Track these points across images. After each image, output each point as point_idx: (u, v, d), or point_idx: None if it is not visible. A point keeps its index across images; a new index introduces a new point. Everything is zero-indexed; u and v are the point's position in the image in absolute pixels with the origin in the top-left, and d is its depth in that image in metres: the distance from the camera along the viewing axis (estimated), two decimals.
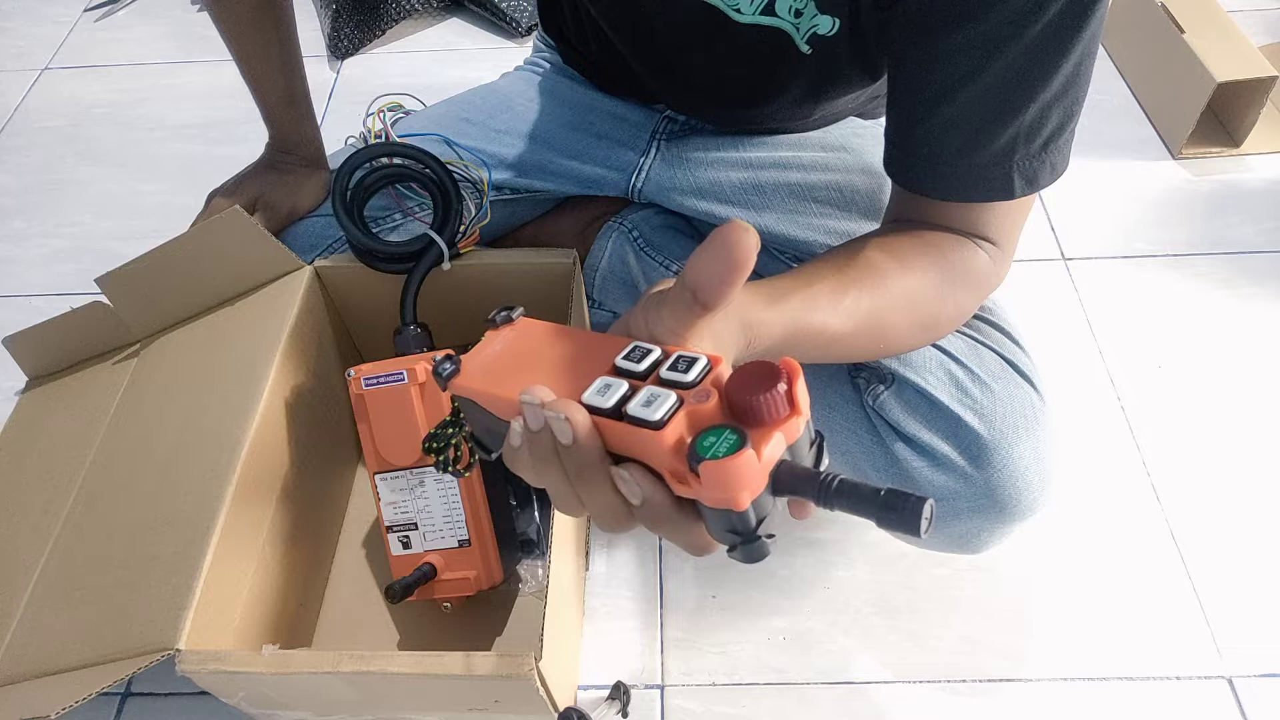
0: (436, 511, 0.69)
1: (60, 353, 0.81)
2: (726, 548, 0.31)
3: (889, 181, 0.59)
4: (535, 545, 0.77)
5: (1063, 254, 1.05)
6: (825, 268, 0.50)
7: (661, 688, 0.73)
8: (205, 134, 1.28)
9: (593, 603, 0.78)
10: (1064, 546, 0.80)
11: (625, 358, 0.34)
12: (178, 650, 0.54)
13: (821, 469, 0.30)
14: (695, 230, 0.82)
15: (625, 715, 0.71)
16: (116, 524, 0.65)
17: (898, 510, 0.28)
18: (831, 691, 0.73)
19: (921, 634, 0.75)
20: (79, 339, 0.80)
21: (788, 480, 0.30)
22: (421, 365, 0.67)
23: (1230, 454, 0.86)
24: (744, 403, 0.30)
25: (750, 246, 0.32)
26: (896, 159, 0.56)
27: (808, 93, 0.67)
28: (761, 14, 0.59)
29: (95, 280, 0.74)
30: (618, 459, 0.32)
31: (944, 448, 0.61)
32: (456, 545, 0.69)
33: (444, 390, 0.38)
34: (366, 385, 0.68)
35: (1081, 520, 0.82)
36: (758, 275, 0.38)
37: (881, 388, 0.64)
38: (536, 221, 0.87)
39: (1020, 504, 0.60)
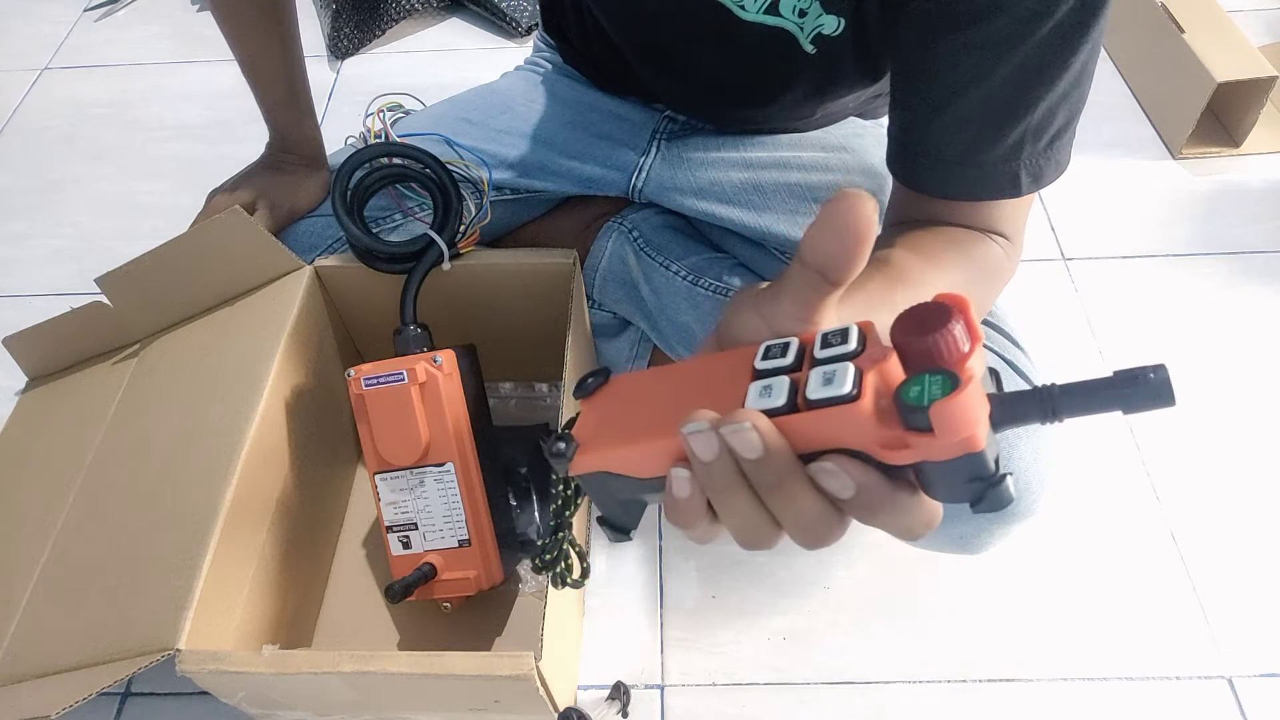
0: (436, 511, 0.69)
1: (60, 353, 0.81)
2: (970, 503, 0.27)
3: (890, 182, 0.58)
4: (535, 545, 0.77)
5: (1063, 254, 1.05)
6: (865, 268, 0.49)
7: (661, 688, 0.73)
8: (205, 134, 1.28)
9: (593, 603, 0.78)
10: (1064, 546, 0.80)
11: (765, 359, 0.30)
12: (178, 650, 0.54)
13: (1035, 387, 0.27)
14: (695, 230, 0.82)
15: (625, 715, 0.71)
16: (116, 524, 0.65)
17: (1140, 385, 0.25)
18: (831, 691, 0.73)
19: (921, 634, 0.75)
20: (79, 339, 0.80)
21: (1007, 408, 0.27)
22: (421, 365, 0.67)
23: (1230, 454, 0.86)
24: (925, 347, 0.26)
25: (871, 213, 0.29)
26: (902, 158, 0.56)
27: (810, 92, 0.67)
28: (765, 13, 0.59)
29: (95, 280, 0.74)
30: (807, 460, 0.28)
31: None
32: (456, 545, 0.69)
33: (564, 475, 0.33)
34: (366, 385, 0.68)
35: (1081, 520, 0.82)
36: (759, 277, 0.37)
37: None
38: (536, 221, 0.87)
39: (1020, 504, 0.60)
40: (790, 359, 0.29)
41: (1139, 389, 0.25)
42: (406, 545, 0.70)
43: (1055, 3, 0.46)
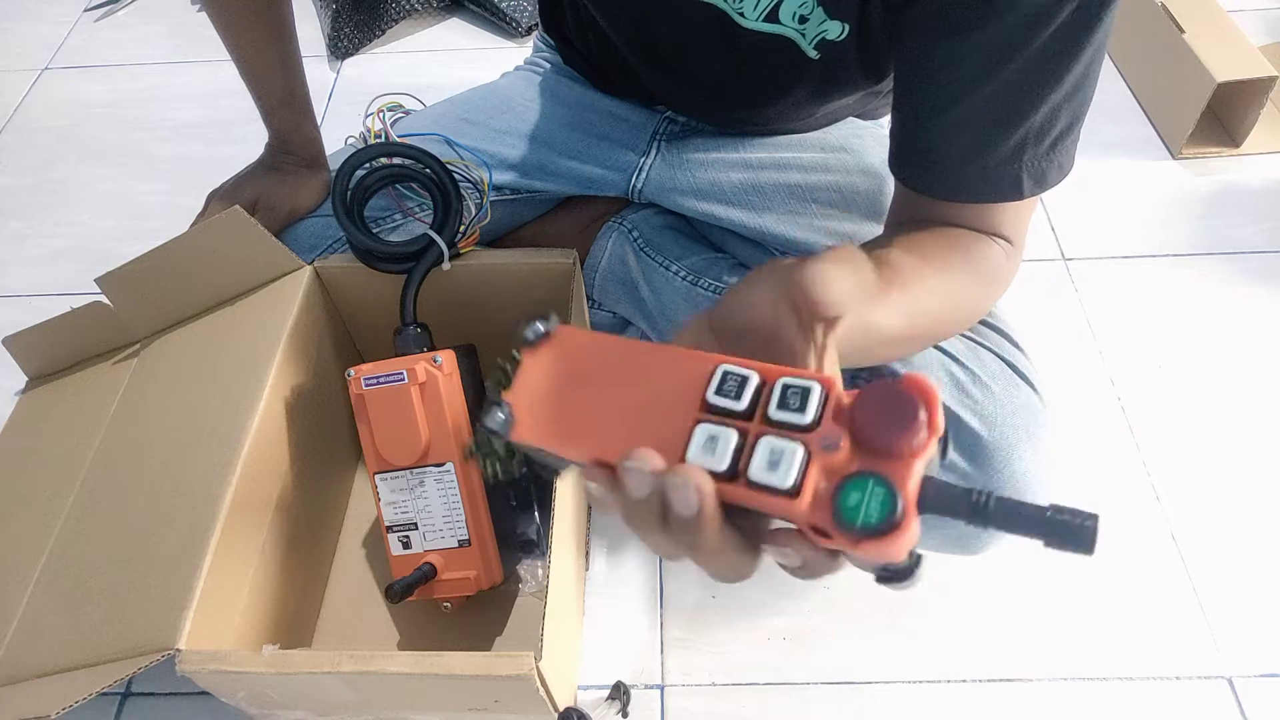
0: (436, 511, 0.69)
1: (60, 353, 0.81)
2: (875, 579, 0.29)
3: (890, 182, 0.58)
4: (535, 545, 0.77)
5: (1063, 254, 1.05)
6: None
7: (661, 688, 0.73)
8: (205, 134, 1.28)
9: (593, 603, 0.78)
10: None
11: (719, 392, 0.29)
12: (178, 650, 0.54)
13: (972, 489, 0.27)
14: (695, 231, 0.82)
15: (625, 715, 0.71)
16: (116, 524, 0.65)
17: (1067, 529, 0.25)
18: (831, 691, 0.73)
19: (921, 634, 0.75)
20: (79, 339, 0.80)
21: (941, 499, 0.27)
22: (421, 365, 0.67)
23: (1230, 454, 0.86)
24: (884, 444, 0.27)
25: None
26: (904, 160, 0.56)
27: (812, 95, 0.66)
28: (765, 21, 0.59)
29: (95, 280, 0.74)
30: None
31: None
32: (456, 545, 0.69)
33: (498, 441, 0.33)
34: (366, 385, 0.68)
35: None
36: None
37: None
38: (536, 221, 0.87)
39: None
40: (744, 403, 0.29)
41: (1067, 531, 0.25)
42: (406, 545, 0.70)
43: (1057, 6, 0.46)
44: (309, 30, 1.42)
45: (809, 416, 0.28)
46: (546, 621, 0.56)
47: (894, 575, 0.28)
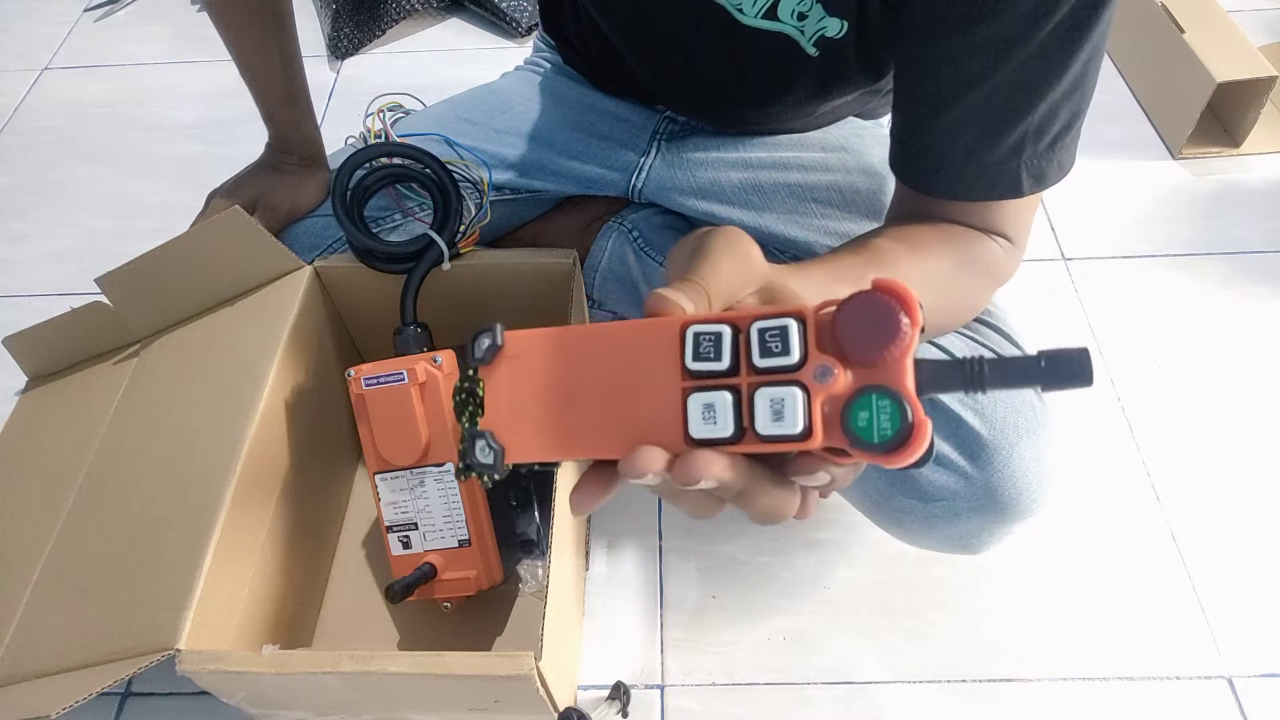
0: (436, 511, 0.69)
1: (60, 353, 0.81)
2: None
3: (890, 182, 0.58)
4: (535, 545, 0.77)
5: (1063, 254, 1.05)
6: (841, 251, 0.50)
7: (661, 688, 0.73)
8: (205, 134, 1.28)
9: (593, 603, 0.78)
10: (1064, 546, 0.80)
11: (697, 356, 0.29)
12: (178, 650, 0.54)
13: (964, 359, 0.28)
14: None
15: (625, 715, 0.71)
16: (117, 524, 0.65)
17: (1063, 367, 0.26)
18: (831, 691, 0.73)
19: (921, 634, 0.75)
20: (79, 339, 0.80)
21: (935, 378, 0.28)
22: (421, 365, 0.67)
23: (1230, 454, 0.86)
24: (875, 357, 0.27)
25: None
26: (904, 159, 0.56)
27: (812, 93, 0.67)
28: (763, 18, 0.59)
29: (95, 280, 0.74)
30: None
31: (944, 447, 0.61)
32: (456, 545, 0.69)
33: (499, 476, 0.32)
34: (366, 385, 0.68)
35: (1081, 520, 0.82)
36: None
37: None
38: (536, 221, 0.87)
39: (1020, 504, 0.60)
40: (726, 361, 0.28)
41: (1064, 369, 0.26)
42: (406, 545, 0.70)
43: (1055, 4, 0.46)
44: (309, 30, 1.42)
45: (795, 356, 0.28)
46: (546, 621, 0.56)
47: (916, 464, 0.28)
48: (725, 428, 0.28)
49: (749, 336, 0.28)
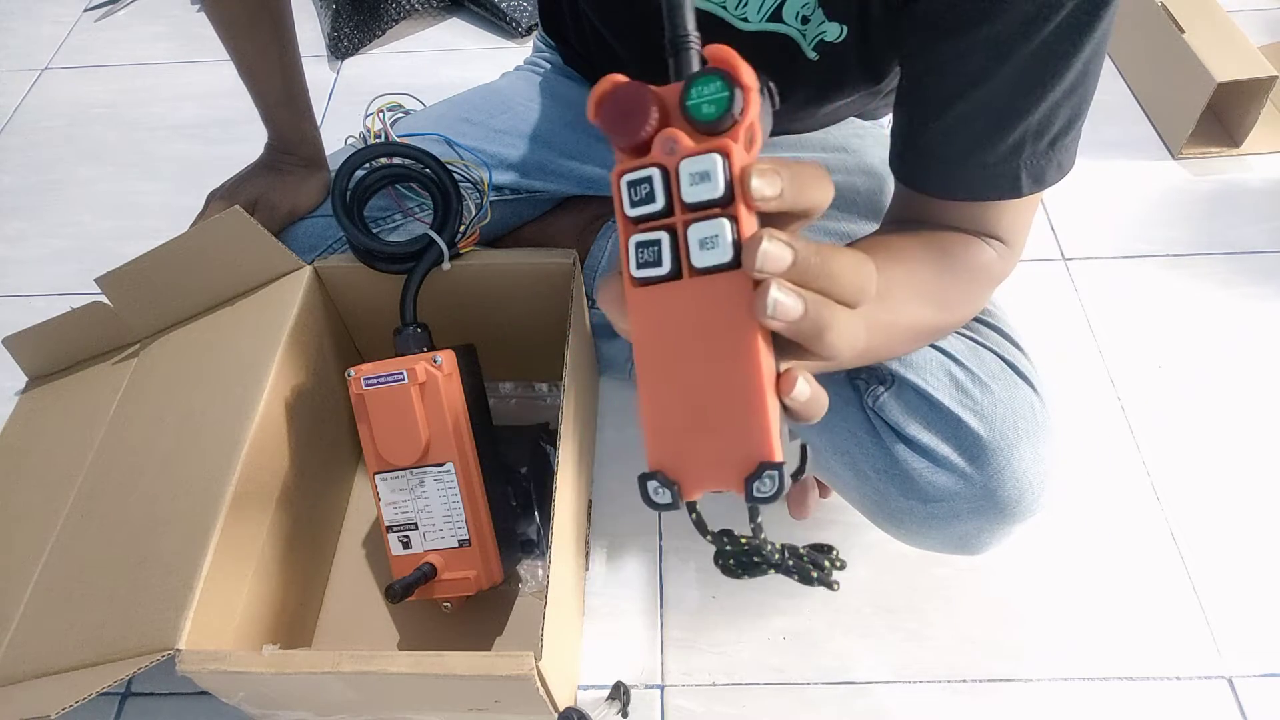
0: (436, 511, 0.69)
1: (60, 353, 0.81)
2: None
3: (890, 182, 0.58)
4: (535, 545, 0.77)
5: (1063, 254, 1.05)
6: None
7: (661, 688, 0.73)
8: (205, 134, 1.28)
9: (593, 603, 0.78)
10: (1064, 547, 0.80)
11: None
12: (178, 650, 0.55)
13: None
14: None
15: (625, 715, 0.71)
16: (116, 524, 0.65)
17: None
18: (831, 691, 0.73)
19: (921, 634, 0.75)
20: (79, 339, 0.80)
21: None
22: (421, 365, 0.67)
23: (1230, 454, 0.86)
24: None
25: None
26: (903, 158, 0.56)
27: (812, 97, 0.66)
28: (768, 20, 0.59)
29: (95, 280, 0.74)
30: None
31: (944, 449, 0.61)
32: (456, 545, 0.69)
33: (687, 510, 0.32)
34: (366, 385, 0.68)
35: (1081, 520, 0.82)
36: None
37: (881, 389, 0.64)
38: (536, 221, 0.87)
39: (1020, 505, 0.60)
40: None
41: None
42: (406, 545, 0.70)
43: (1056, 5, 0.46)
44: (309, 30, 1.42)
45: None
46: (546, 621, 0.56)
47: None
48: (723, 255, 0.29)
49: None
